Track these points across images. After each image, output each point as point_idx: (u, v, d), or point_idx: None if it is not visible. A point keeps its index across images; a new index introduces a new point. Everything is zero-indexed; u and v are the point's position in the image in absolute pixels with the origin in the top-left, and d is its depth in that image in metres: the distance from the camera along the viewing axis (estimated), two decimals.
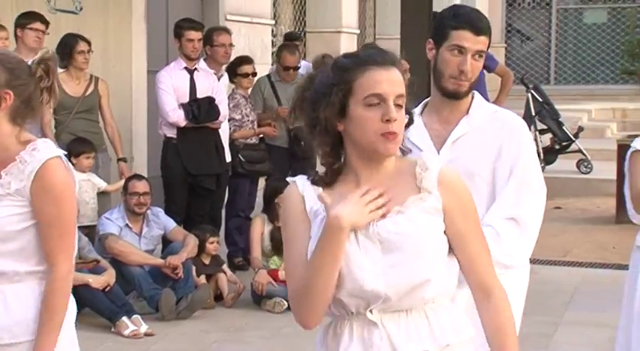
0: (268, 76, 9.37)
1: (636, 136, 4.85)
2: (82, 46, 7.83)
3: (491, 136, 3.46)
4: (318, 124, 2.67)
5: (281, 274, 7.58)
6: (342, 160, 2.68)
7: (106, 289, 7.02)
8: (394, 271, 2.59)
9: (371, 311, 2.63)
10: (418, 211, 2.63)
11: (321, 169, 2.75)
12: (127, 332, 6.84)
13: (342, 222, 2.54)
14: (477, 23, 3.45)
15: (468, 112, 3.50)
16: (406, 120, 2.69)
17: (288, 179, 2.77)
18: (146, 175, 8.23)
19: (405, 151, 2.76)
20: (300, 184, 2.72)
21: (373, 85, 2.60)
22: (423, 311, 2.65)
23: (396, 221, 2.61)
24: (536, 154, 11.96)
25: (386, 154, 2.63)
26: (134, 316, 6.98)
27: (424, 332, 2.64)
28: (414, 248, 2.60)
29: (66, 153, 3.21)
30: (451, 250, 2.69)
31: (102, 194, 7.99)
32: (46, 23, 7.81)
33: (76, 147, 7.71)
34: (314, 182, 2.71)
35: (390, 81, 2.61)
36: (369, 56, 2.65)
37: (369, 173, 2.66)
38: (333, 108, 2.63)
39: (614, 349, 4.83)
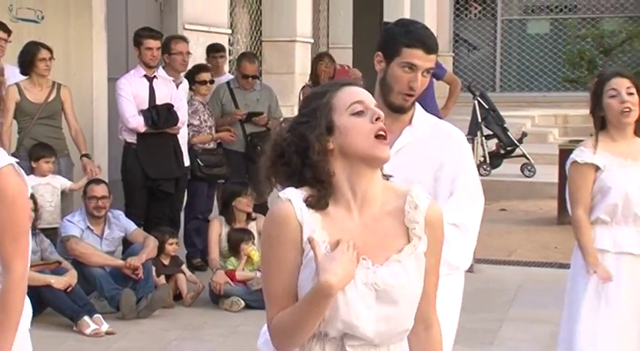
0: (228, 83, 9.37)
1: (578, 141, 4.91)
2: (43, 53, 7.79)
3: (434, 147, 3.47)
4: (309, 148, 2.56)
5: (238, 275, 7.60)
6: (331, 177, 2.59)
7: (68, 290, 6.97)
8: (386, 321, 2.56)
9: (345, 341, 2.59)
10: (412, 261, 2.59)
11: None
12: (88, 331, 6.80)
13: (333, 290, 2.45)
14: (428, 41, 3.45)
15: (410, 123, 3.51)
16: None
17: (281, 195, 2.59)
18: (107, 179, 8.19)
19: (387, 176, 2.69)
20: (297, 206, 2.56)
21: (353, 96, 2.61)
22: (389, 346, 2.64)
23: (394, 272, 2.56)
24: (482, 160, 12.03)
25: (381, 156, 2.57)
26: (95, 315, 6.94)
27: None
28: (407, 300, 2.58)
29: (18, 160, 3.18)
30: None
31: (65, 196, 7.96)
32: (9, 32, 7.78)
33: (37, 151, 7.68)
34: (309, 205, 2.57)
35: (366, 94, 2.63)
36: (339, 80, 2.71)
37: (359, 202, 2.59)
38: (320, 127, 2.57)
39: (555, 343, 4.88)
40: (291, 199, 2.57)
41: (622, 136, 4.57)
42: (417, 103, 3.53)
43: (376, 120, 2.56)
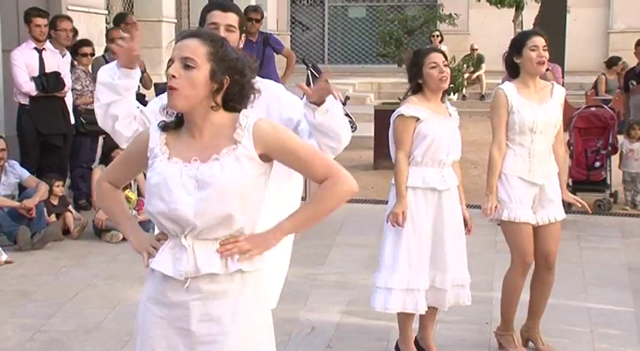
0: (103, 55, 9.20)
1: (389, 103, 4.97)
2: None
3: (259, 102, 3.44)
4: None
5: None
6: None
7: None
8: (202, 203, 2.53)
9: (185, 237, 2.58)
10: (230, 159, 2.56)
11: None
12: None
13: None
14: (223, 3, 3.49)
15: None
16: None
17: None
18: (3, 135, 7.94)
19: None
20: (152, 127, 2.68)
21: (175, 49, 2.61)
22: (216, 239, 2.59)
23: (211, 166, 2.56)
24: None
25: (169, 106, 2.60)
26: None
27: (218, 259, 2.58)
28: (220, 188, 2.53)
29: None
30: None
31: None
32: None
33: None
34: (162, 128, 2.65)
35: (179, 48, 2.58)
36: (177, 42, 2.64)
37: (201, 125, 2.61)
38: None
39: (370, 263, 4.96)
40: (150, 126, 2.71)
41: (434, 98, 4.65)
42: None
43: (172, 77, 2.57)
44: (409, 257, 4.59)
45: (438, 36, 16.59)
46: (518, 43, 4.77)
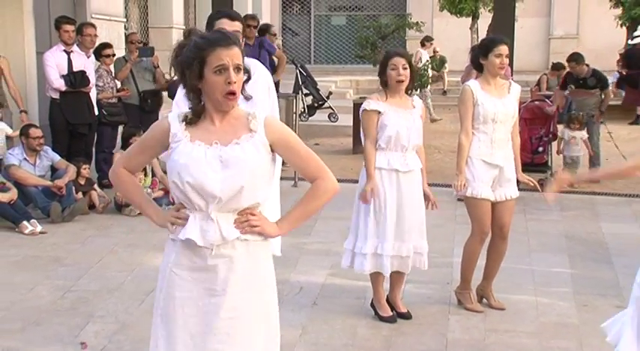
0: (124, 56, 9.19)
1: (366, 98, 4.94)
2: None
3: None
4: (186, 83, 2.59)
5: None
6: (202, 105, 2.61)
7: (11, 202, 6.75)
8: (227, 180, 2.55)
9: (210, 210, 2.57)
10: (248, 144, 2.58)
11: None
12: (26, 231, 6.61)
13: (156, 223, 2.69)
14: (230, 12, 3.49)
15: None
16: (245, 77, 2.63)
17: (163, 115, 2.67)
18: (38, 125, 7.92)
19: (247, 98, 2.74)
20: (170, 116, 2.62)
21: (219, 59, 2.53)
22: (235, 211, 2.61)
23: (233, 148, 2.57)
24: (302, 111, 12.07)
25: (228, 109, 2.59)
26: (32, 220, 6.74)
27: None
28: (241, 167, 2.56)
29: None
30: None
31: (8, 138, 7.66)
32: None
33: None
34: (182, 120, 2.63)
35: (230, 55, 2.54)
36: (217, 39, 2.57)
37: (220, 117, 2.61)
38: (194, 74, 2.55)
39: (349, 232, 4.97)
40: (168, 115, 2.65)
41: (397, 94, 4.65)
42: None
43: (228, 83, 2.53)
44: (376, 227, 4.62)
45: (431, 44, 16.39)
46: (485, 48, 4.75)
